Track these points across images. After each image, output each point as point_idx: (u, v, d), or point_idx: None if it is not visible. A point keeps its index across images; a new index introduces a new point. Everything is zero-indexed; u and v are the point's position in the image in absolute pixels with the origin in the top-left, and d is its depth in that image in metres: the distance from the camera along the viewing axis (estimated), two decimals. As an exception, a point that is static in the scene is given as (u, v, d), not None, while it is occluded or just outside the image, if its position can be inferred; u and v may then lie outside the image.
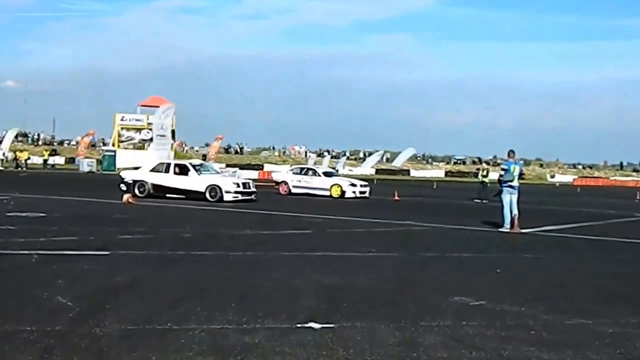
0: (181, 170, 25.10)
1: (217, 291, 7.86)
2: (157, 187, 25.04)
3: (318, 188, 30.53)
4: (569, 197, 42.82)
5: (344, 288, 8.31)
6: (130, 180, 25.47)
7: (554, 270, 10.71)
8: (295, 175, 31.79)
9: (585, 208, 29.65)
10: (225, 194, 24.02)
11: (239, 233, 14.38)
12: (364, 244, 13.15)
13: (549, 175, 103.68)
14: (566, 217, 22.54)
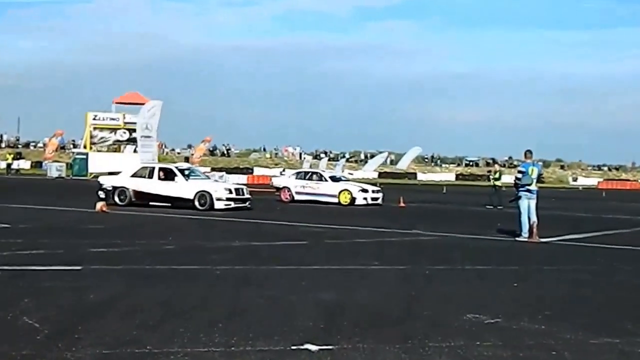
0: (167, 176, 24.99)
1: (202, 310, 7.84)
2: (140, 194, 25.00)
3: (324, 194, 30.53)
4: (594, 202, 42.89)
5: (344, 305, 8.29)
6: (109, 186, 25.42)
7: (577, 283, 10.70)
8: (298, 181, 31.73)
9: (612, 214, 29.70)
10: (216, 202, 23.93)
11: (226, 245, 14.37)
12: (366, 255, 13.14)
13: (571, 177, 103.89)
14: (590, 225, 22.57)
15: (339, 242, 15.57)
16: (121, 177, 26.08)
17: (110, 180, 26.22)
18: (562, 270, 12.13)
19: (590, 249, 15.63)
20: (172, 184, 24.64)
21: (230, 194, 24.43)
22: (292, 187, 31.46)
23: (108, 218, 20.21)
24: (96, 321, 7.18)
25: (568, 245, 16.33)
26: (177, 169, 25.37)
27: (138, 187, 25.08)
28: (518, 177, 17.00)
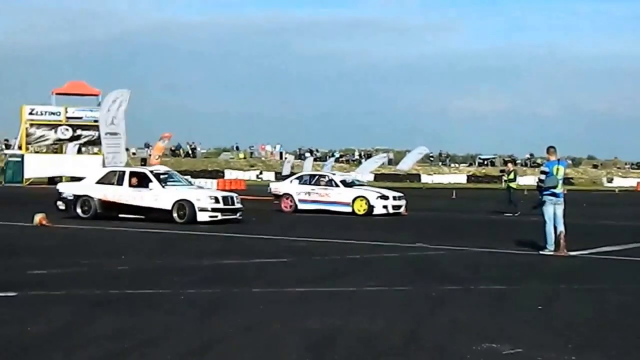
0: (140, 182, 24.76)
1: (164, 344, 7.84)
2: (107, 204, 24.81)
3: (335, 202, 30.38)
4: (633, 208, 43.09)
5: (335, 334, 8.31)
6: (70, 195, 25.26)
7: (613, 306, 10.76)
8: (302, 186, 31.61)
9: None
10: (199, 213, 23.72)
11: (193, 264, 14.36)
12: (361, 274, 13.17)
13: (606, 178, 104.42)
14: (629, 235, 22.67)
15: (328, 259, 15.58)
16: (85, 184, 25.98)
17: (71, 187, 26.12)
18: (595, 290, 12.19)
19: (629, 264, 15.71)
20: (145, 192, 24.40)
21: (217, 203, 24.12)
22: (295, 195, 31.31)
23: (50, 233, 20.14)
24: (34, 359, 7.15)
25: (602, 259, 16.41)
26: (152, 174, 24.99)
27: (105, 195, 24.86)
28: (541, 179, 17.02)
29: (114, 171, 26.34)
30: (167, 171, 26.97)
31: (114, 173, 25.87)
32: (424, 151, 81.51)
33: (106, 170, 27.27)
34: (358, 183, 33.37)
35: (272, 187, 33.63)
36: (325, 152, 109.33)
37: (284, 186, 32.81)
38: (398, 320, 9.23)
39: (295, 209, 30.90)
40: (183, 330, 8.48)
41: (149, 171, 25.54)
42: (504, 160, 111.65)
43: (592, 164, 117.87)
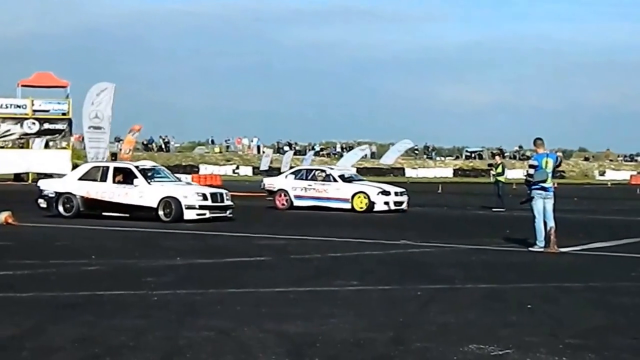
0: (124, 178, 24.52)
1: (135, 349, 7.78)
2: (90, 201, 24.58)
3: (333, 198, 30.21)
4: (626, 202, 43.33)
5: (315, 338, 8.28)
6: (51, 193, 25.06)
7: (606, 304, 10.79)
8: (298, 181, 31.38)
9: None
10: (186, 211, 23.51)
11: (167, 264, 14.31)
12: (343, 274, 13.15)
13: (598, 171, 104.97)
14: (622, 230, 22.79)
15: (308, 258, 15.57)
16: (67, 181, 25.84)
17: (52, 184, 25.92)
18: (588, 288, 12.23)
19: (621, 261, 15.77)
20: (130, 189, 24.14)
21: (205, 200, 23.91)
22: (291, 190, 31.06)
23: (16, 232, 20.03)
24: (-1, 365, 7.10)
25: (594, 256, 16.47)
26: (137, 169, 24.70)
27: (88, 193, 24.64)
28: (529, 173, 17.04)
29: (97, 167, 26.10)
30: (154, 166, 26.70)
31: (97, 169, 25.63)
32: (408, 145, 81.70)
33: (89, 165, 27.02)
34: (357, 178, 33.01)
35: (266, 183, 33.26)
36: (305, 146, 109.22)
37: (279, 181, 32.50)
38: (382, 322, 9.21)
39: (291, 206, 30.68)
40: (155, 334, 8.42)
41: (134, 167, 25.22)
42: (492, 153, 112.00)
43: (584, 157, 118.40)
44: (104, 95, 43.77)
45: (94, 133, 42.83)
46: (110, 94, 43.76)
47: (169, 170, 28.02)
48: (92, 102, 43.37)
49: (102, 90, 43.84)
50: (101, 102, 43.43)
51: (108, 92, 43.85)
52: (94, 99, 43.37)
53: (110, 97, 43.49)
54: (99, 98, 43.45)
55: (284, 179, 32.70)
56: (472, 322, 9.28)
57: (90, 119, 42.95)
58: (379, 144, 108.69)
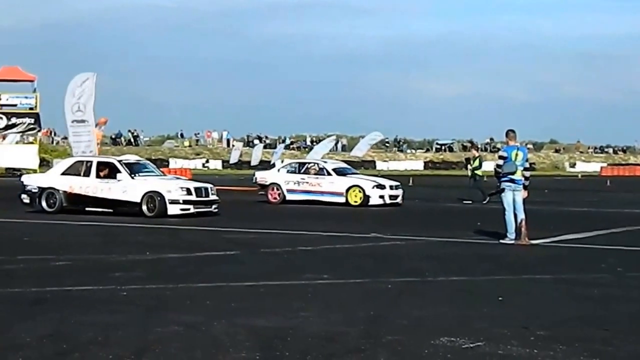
0: (108, 172, 24.23)
1: (103, 345, 7.74)
2: (74, 197, 24.29)
3: (327, 192, 29.86)
4: (596, 194, 43.61)
5: (286, 332, 8.27)
6: (34, 188, 24.76)
7: (577, 296, 10.86)
8: (291, 175, 31.12)
9: (619, 208, 30.23)
10: (169, 206, 23.26)
11: (135, 259, 14.25)
12: (314, 267, 13.16)
13: (568, 163, 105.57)
14: (592, 222, 22.94)
15: (277, 252, 15.55)
16: (50, 176, 25.58)
17: (35, 179, 25.64)
18: (558, 280, 12.29)
19: (592, 252, 15.87)
20: (114, 184, 23.85)
21: (189, 195, 23.63)
22: (283, 184, 30.74)
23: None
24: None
25: (565, 247, 16.57)
26: (120, 164, 24.40)
27: (71, 188, 24.36)
28: (499, 164, 17.10)
29: (80, 161, 25.82)
30: (138, 160, 26.47)
31: (80, 163, 25.35)
32: (378, 137, 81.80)
33: (72, 160, 26.70)
34: (351, 171, 32.71)
35: (258, 177, 32.74)
36: (275, 139, 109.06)
37: (271, 175, 32.16)
38: (353, 316, 9.21)
39: (284, 200, 30.39)
40: (123, 330, 8.38)
41: (117, 161, 24.92)
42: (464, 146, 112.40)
43: (554, 149, 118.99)
44: (86, 86, 42.51)
45: (77, 127, 41.39)
46: (92, 84, 42.51)
47: (154, 165, 27.77)
48: (73, 94, 42.09)
49: (83, 81, 42.36)
50: (82, 94, 42.17)
51: (89, 82, 42.57)
52: (76, 90, 42.08)
53: (92, 88, 42.28)
54: (81, 89, 42.18)
55: (276, 172, 32.41)
56: (443, 315, 9.31)
57: (72, 112, 41.44)
58: (349, 137, 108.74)
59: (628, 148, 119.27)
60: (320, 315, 9.17)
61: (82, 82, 41.60)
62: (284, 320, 8.91)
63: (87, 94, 41.33)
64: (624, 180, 67.74)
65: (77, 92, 40.90)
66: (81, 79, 41.92)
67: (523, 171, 17.05)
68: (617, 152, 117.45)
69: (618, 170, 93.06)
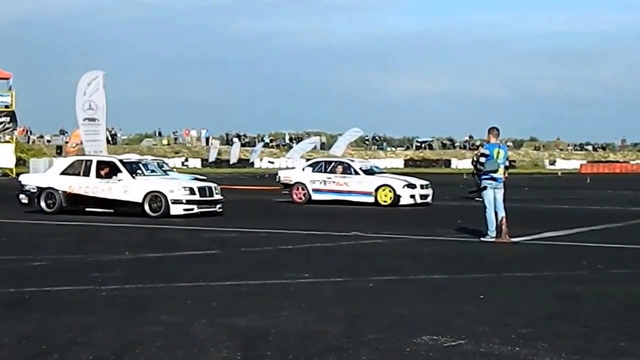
0: (108, 172, 23.97)
1: (83, 345, 7.72)
2: (73, 197, 24.04)
3: (355, 192, 29.30)
4: (576, 191, 43.80)
5: (267, 331, 8.28)
6: (33, 187, 24.52)
7: (558, 293, 10.90)
8: (317, 174, 30.45)
9: (599, 205, 30.39)
10: (172, 206, 23.02)
11: (114, 258, 14.21)
12: (294, 266, 13.17)
13: (548, 160, 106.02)
14: (572, 219, 23.05)
15: (258, 250, 15.56)
16: (48, 175, 25.34)
17: (34, 179, 25.42)
18: (539, 277, 12.35)
19: (573, 250, 15.95)
20: (114, 183, 23.60)
21: (192, 194, 23.47)
22: (308, 183, 30.21)
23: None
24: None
25: (545, 245, 16.64)
26: (121, 163, 24.17)
27: (70, 187, 24.09)
28: (481, 162, 17.16)
29: (80, 160, 25.47)
30: (140, 159, 26.25)
31: (80, 162, 25.01)
32: (357, 133, 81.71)
33: (72, 159, 26.43)
34: (379, 170, 32.18)
35: (282, 175, 32.15)
36: (254, 137, 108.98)
37: (296, 174, 31.52)
38: (334, 314, 9.23)
39: (309, 200, 29.95)
40: (103, 330, 8.36)
41: (118, 160, 24.66)
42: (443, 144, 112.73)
43: (534, 146, 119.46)
44: (96, 84, 41.47)
45: (89, 126, 40.35)
46: (100, 82, 41.48)
47: (156, 164, 27.49)
48: (84, 93, 41.07)
49: (92, 79, 41.42)
50: (93, 92, 41.19)
51: (99, 80, 41.59)
52: (86, 88, 41.02)
53: (101, 86, 41.26)
54: (91, 88, 41.14)
55: (301, 171, 31.68)
56: (424, 313, 9.34)
57: (84, 111, 40.46)
58: (328, 135, 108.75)
59: (607, 145, 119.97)
60: (301, 314, 9.18)
61: (92, 79, 40.52)
62: (265, 319, 8.91)
63: (98, 92, 40.32)
64: (604, 178, 68.12)
65: (87, 91, 39.78)
66: (90, 76, 40.76)
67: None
68: (597, 149, 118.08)
69: (598, 167, 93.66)
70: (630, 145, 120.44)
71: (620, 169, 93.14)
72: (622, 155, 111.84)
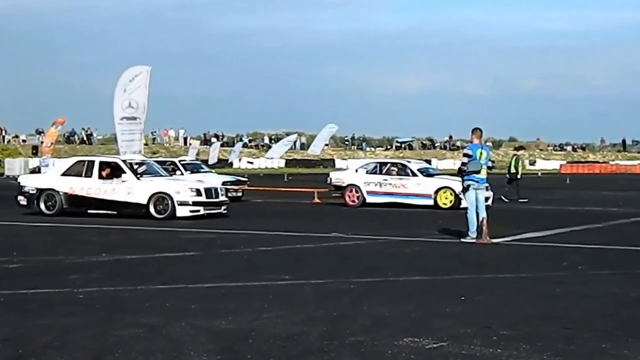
0: (111, 173, 23.68)
1: (60, 349, 7.70)
2: (75, 198, 23.70)
3: (413, 194, 28.32)
4: (556, 191, 44.01)
5: (248, 333, 8.28)
6: (32, 189, 24.17)
7: (539, 294, 10.95)
8: (371, 176, 29.49)
9: (579, 206, 30.52)
10: (178, 207, 22.76)
11: (92, 260, 14.16)
12: (274, 268, 13.17)
13: (528, 161, 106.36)
14: (552, 220, 23.14)
15: (237, 252, 15.53)
16: (49, 176, 25.10)
17: (34, 180, 25.10)
18: (520, 279, 12.40)
19: (553, 250, 16.01)
20: (118, 185, 23.29)
21: (198, 196, 23.21)
22: (363, 186, 29.20)
23: None
24: None
25: (526, 246, 16.69)
26: (125, 164, 23.88)
27: (72, 189, 23.75)
28: (464, 163, 17.20)
29: (81, 161, 25.15)
30: (143, 160, 25.97)
31: (82, 163, 24.68)
32: (333, 129, 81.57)
33: (73, 160, 26.05)
34: (436, 172, 31.41)
35: (333, 177, 31.04)
36: (233, 137, 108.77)
37: (349, 176, 30.49)
38: (315, 316, 9.24)
39: (363, 202, 28.89)
40: (82, 332, 8.34)
41: (121, 161, 24.35)
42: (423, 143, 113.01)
43: (514, 146, 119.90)
44: (138, 80, 39.48)
45: (127, 125, 38.36)
46: (145, 78, 39.51)
47: (158, 165, 27.20)
48: (124, 90, 39.18)
49: (135, 75, 39.34)
50: (135, 89, 39.22)
51: (143, 77, 39.58)
52: (127, 85, 39.12)
53: (145, 83, 39.38)
54: (132, 84, 39.26)
55: (354, 173, 30.61)
56: (406, 315, 9.35)
57: (123, 109, 38.41)
58: (308, 135, 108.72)
59: (587, 145, 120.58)
60: (282, 316, 9.18)
61: (134, 76, 38.86)
62: (245, 321, 8.91)
63: (140, 90, 38.64)
64: (584, 178, 68.41)
65: (129, 88, 38.23)
66: (133, 72, 39.02)
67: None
68: (577, 149, 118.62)
69: (577, 167, 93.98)
70: (609, 145, 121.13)
71: (600, 169, 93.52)
72: (602, 156, 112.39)
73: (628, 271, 13.21)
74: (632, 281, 12.14)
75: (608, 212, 26.94)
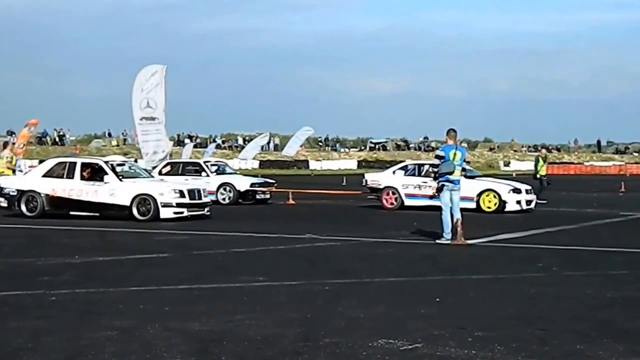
0: (93, 174, 23.55)
1: (33, 351, 7.69)
2: (56, 200, 23.49)
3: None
4: (531, 192, 44.08)
5: (221, 335, 8.29)
6: (13, 190, 23.93)
7: (514, 295, 11.02)
8: (409, 178, 28.45)
9: (554, 207, 30.64)
10: (162, 209, 22.62)
11: (63, 262, 14.11)
12: (248, 269, 13.18)
13: (502, 162, 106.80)
14: (526, 221, 23.23)
15: (210, 253, 15.52)
16: (30, 178, 24.81)
17: (14, 182, 24.79)
18: (495, 280, 12.46)
19: (528, 251, 16.10)
20: (100, 186, 23.10)
21: (182, 197, 23.09)
22: (400, 188, 28.23)
23: None
24: None
25: (500, 247, 16.78)
26: (106, 165, 23.77)
27: (54, 190, 23.52)
28: (435, 164, 17.25)
29: (62, 162, 24.81)
30: (125, 162, 25.81)
31: (63, 164, 24.39)
32: (309, 132, 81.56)
33: (54, 161, 25.72)
34: (477, 174, 30.47)
35: (369, 179, 29.91)
36: (206, 138, 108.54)
37: (386, 178, 29.35)
38: (290, 317, 9.25)
39: (401, 205, 27.96)
40: (55, 335, 8.32)
41: (103, 162, 24.27)
42: (397, 145, 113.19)
43: (489, 147, 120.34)
44: (154, 79, 38.19)
45: (147, 125, 37.20)
46: (160, 77, 38.24)
47: (139, 166, 27.01)
48: (141, 89, 37.90)
49: (151, 74, 38.13)
50: (152, 89, 37.91)
51: (158, 75, 38.27)
52: (144, 84, 37.83)
53: (161, 82, 38.17)
54: (149, 84, 38.00)
55: (391, 175, 29.44)
56: (380, 317, 9.39)
57: (141, 109, 37.20)
58: (282, 136, 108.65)
59: (562, 146, 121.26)
60: (256, 318, 9.18)
61: (150, 75, 37.75)
62: (219, 323, 8.91)
63: (157, 89, 37.56)
64: (558, 179, 68.67)
65: (145, 87, 37.23)
66: (149, 71, 37.86)
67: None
68: (551, 150, 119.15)
69: (552, 168, 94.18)
70: (583, 146, 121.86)
71: (575, 170, 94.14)
72: (576, 157, 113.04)
73: (603, 272, 13.31)
74: (607, 282, 12.24)
75: (583, 213, 27.12)
